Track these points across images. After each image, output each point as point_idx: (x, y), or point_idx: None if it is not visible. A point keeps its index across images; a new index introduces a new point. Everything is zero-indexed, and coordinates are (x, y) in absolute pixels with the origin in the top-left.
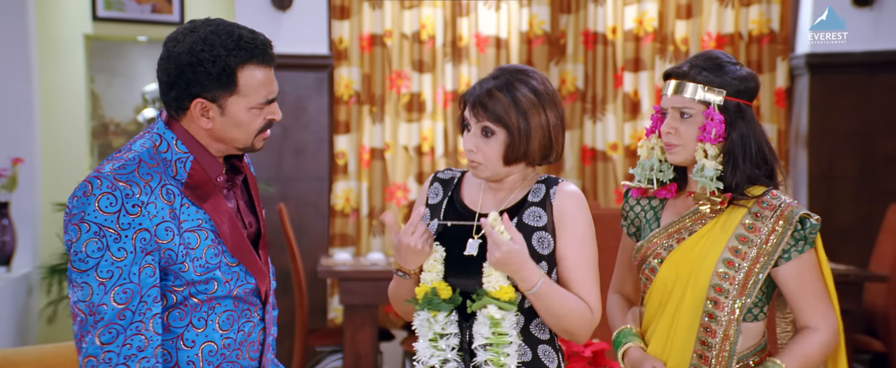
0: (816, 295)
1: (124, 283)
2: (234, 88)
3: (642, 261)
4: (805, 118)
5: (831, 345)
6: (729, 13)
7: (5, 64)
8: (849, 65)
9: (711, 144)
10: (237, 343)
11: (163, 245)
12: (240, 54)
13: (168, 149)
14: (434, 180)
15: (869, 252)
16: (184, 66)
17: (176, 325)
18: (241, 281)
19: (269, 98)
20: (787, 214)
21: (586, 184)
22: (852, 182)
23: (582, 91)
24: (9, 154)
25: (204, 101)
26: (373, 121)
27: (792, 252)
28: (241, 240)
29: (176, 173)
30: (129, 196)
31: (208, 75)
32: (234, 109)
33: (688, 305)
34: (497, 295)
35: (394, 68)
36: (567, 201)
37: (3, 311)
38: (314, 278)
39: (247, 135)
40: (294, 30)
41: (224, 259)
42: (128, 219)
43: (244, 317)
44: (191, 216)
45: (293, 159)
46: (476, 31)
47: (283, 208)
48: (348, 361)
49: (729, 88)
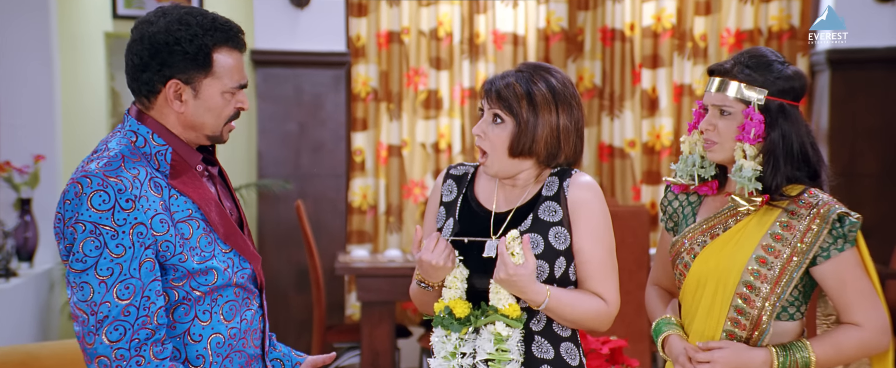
0: (860, 293)
1: (125, 279)
2: (209, 69)
3: (676, 256)
4: (826, 115)
5: (873, 344)
6: (748, 9)
7: (27, 62)
8: (870, 61)
9: (750, 144)
10: (242, 332)
11: (159, 238)
12: (216, 35)
13: (145, 143)
14: (447, 177)
15: (891, 250)
16: (159, 45)
17: (182, 321)
18: (238, 267)
19: (241, 83)
20: (823, 212)
21: (604, 181)
22: (874, 179)
23: (599, 88)
24: (31, 151)
25: (178, 82)
26: (390, 118)
27: (831, 251)
28: (231, 226)
29: (159, 166)
30: (121, 191)
31: (184, 55)
32: (208, 91)
33: (720, 301)
34: (505, 312)
35: (411, 65)
36: (581, 192)
37: (26, 307)
38: (332, 274)
39: (217, 121)
40: (312, 27)
41: (218, 247)
42: (122, 215)
43: (245, 305)
44: (180, 207)
45: (311, 156)
46: (493, 28)
47: (300, 205)
48: (366, 357)
49: (771, 88)
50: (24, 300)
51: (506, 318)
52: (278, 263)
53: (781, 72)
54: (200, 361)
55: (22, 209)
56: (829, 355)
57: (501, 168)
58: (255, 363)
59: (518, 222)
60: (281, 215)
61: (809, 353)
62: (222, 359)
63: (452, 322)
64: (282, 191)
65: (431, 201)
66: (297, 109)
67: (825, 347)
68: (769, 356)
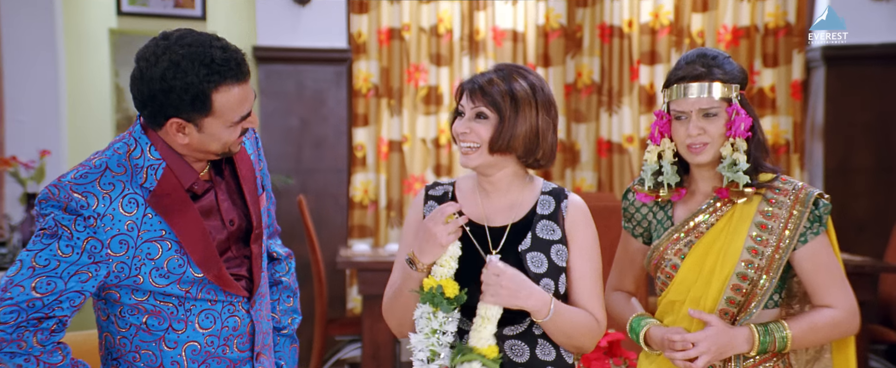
0: (832, 276)
1: (53, 277)
2: (209, 111)
3: (660, 260)
4: (821, 111)
5: (845, 325)
6: (745, 6)
7: (33, 58)
8: (865, 57)
9: (742, 138)
10: (222, 339)
11: (115, 258)
12: (213, 78)
13: (141, 155)
14: (427, 199)
15: (885, 244)
16: (156, 92)
17: (156, 329)
18: (207, 286)
19: (244, 115)
20: (802, 197)
21: (602, 176)
22: (868, 174)
23: (598, 84)
24: (36, 146)
25: (180, 120)
26: (391, 114)
27: (808, 235)
28: (209, 255)
29: (144, 180)
30: (83, 208)
31: (182, 101)
32: (211, 128)
33: (711, 296)
34: (483, 352)
35: (412, 62)
36: (578, 214)
37: None
38: (333, 268)
39: (223, 146)
40: (313, 24)
41: (189, 270)
42: (82, 225)
43: (227, 312)
44: (153, 227)
45: (312, 152)
46: (493, 25)
47: (302, 200)
48: (367, 350)
49: (740, 82)
50: None
51: (483, 358)
52: None
53: (737, 66)
54: (174, 366)
55: (28, 204)
56: (805, 333)
57: (482, 162)
58: (241, 365)
59: (518, 239)
60: (283, 210)
61: (786, 331)
62: (198, 364)
63: (443, 301)
64: (284, 186)
65: (410, 220)
66: (299, 104)
67: (801, 325)
68: (750, 333)
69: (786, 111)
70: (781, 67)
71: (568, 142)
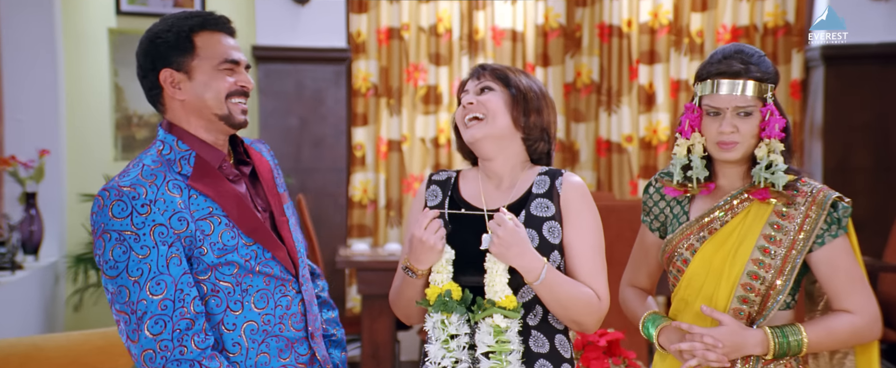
0: (852, 280)
1: (155, 276)
2: (193, 52)
3: (672, 254)
4: (820, 110)
5: (865, 331)
6: (744, 5)
7: (32, 58)
8: (864, 57)
9: (777, 138)
10: (277, 318)
11: (181, 234)
12: (193, 20)
13: (171, 150)
14: (430, 184)
15: (884, 243)
16: (146, 45)
17: (214, 312)
18: (260, 258)
19: (231, 58)
20: (819, 199)
21: (601, 176)
22: (867, 173)
23: (597, 84)
24: (36, 146)
25: (171, 70)
26: (390, 113)
27: (826, 237)
28: (254, 220)
29: (181, 169)
30: (135, 198)
31: (167, 44)
32: (199, 72)
33: (722, 295)
34: (502, 304)
35: (411, 61)
36: (573, 191)
37: (31, 299)
38: (333, 268)
39: (217, 97)
40: (312, 23)
41: (241, 240)
42: (140, 219)
43: (279, 292)
44: (200, 206)
45: (312, 151)
46: (492, 25)
47: (302, 199)
48: (366, 350)
49: (774, 81)
50: (30, 292)
51: (503, 310)
52: None
53: (771, 65)
54: (237, 348)
55: (27, 203)
56: (821, 338)
57: (494, 128)
58: (298, 345)
59: None
60: None
61: (802, 335)
62: (258, 345)
63: (455, 305)
64: None
65: (413, 215)
66: (298, 104)
67: (818, 331)
68: (765, 336)
69: (785, 111)
70: (780, 67)
71: (567, 141)
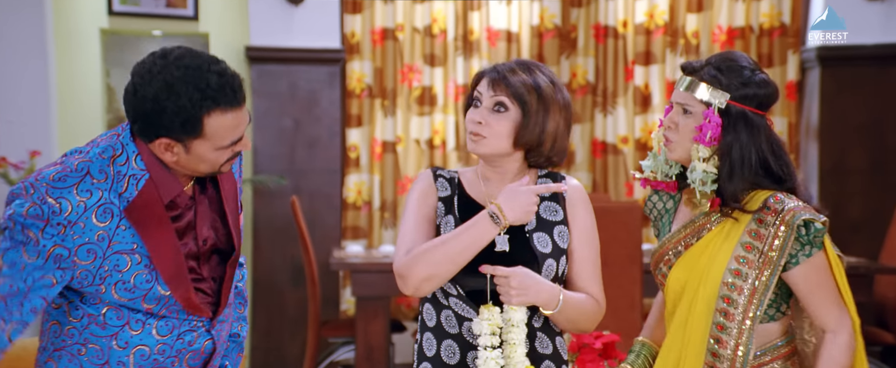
0: (827, 297)
1: (16, 280)
2: (199, 134)
3: (656, 265)
4: (816, 111)
5: (853, 344)
6: (740, 6)
7: (23, 58)
8: (860, 58)
9: (705, 145)
10: (174, 351)
11: (80, 265)
12: (205, 104)
13: (126, 162)
14: (437, 177)
15: (880, 245)
16: (148, 111)
17: (112, 324)
18: (171, 306)
19: (235, 140)
20: (788, 219)
21: (597, 177)
22: (863, 175)
23: (593, 84)
24: (26, 147)
25: (169, 140)
26: (384, 114)
27: (799, 257)
28: (180, 273)
29: (124, 190)
30: (55, 213)
31: (172, 123)
32: (200, 149)
33: (699, 313)
34: None
35: (405, 62)
36: (577, 195)
37: None
38: (327, 270)
39: (212, 167)
40: (306, 24)
41: (156, 286)
42: (51, 232)
43: (187, 326)
44: (125, 239)
45: (306, 152)
46: (487, 25)
47: (295, 201)
48: (360, 352)
49: (734, 92)
50: None
51: None
52: (273, 258)
53: (749, 78)
54: (120, 367)
55: None
56: None
57: (495, 150)
58: None
59: None
60: (276, 211)
61: None
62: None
63: None
64: (277, 187)
65: (418, 198)
66: (292, 105)
67: None
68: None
69: (780, 112)
70: (776, 68)
71: None
